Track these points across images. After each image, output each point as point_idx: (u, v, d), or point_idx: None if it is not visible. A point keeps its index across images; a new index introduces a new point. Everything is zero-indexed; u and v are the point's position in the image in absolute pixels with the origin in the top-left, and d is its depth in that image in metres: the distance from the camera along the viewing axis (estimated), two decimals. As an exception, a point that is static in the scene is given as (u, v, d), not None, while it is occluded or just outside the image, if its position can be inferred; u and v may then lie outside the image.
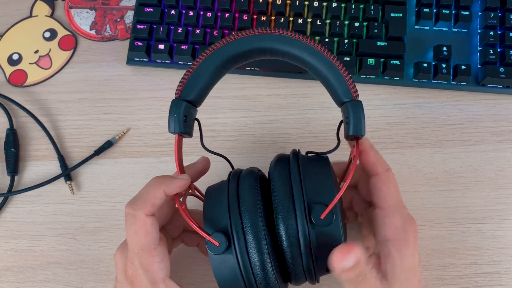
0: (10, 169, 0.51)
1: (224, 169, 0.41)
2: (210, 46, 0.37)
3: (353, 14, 0.52)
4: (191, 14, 0.53)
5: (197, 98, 0.37)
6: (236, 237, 0.34)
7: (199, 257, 0.47)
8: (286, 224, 0.33)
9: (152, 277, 0.35)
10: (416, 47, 0.52)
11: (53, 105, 0.54)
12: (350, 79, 0.35)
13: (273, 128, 0.51)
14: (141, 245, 0.34)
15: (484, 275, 0.45)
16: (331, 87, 0.36)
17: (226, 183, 0.37)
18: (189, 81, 0.37)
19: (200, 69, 0.36)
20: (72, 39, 0.56)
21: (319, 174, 0.36)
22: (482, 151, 0.50)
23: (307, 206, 0.33)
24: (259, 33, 0.36)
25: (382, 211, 0.36)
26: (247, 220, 0.34)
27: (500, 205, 0.48)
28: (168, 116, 0.36)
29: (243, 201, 0.35)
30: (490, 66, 0.50)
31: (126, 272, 0.36)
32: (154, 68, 0.54)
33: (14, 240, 0.49)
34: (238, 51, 0.36)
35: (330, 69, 0.35)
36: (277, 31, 0.36)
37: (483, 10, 0.52)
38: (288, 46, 0.35)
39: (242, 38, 0.36)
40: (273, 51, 0.36)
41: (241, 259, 0.33)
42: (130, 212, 0.34)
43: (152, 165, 0.51)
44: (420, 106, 0.52)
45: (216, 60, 0.36)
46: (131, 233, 0.35)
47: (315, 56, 0.35)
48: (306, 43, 0.35)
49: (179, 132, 0.36)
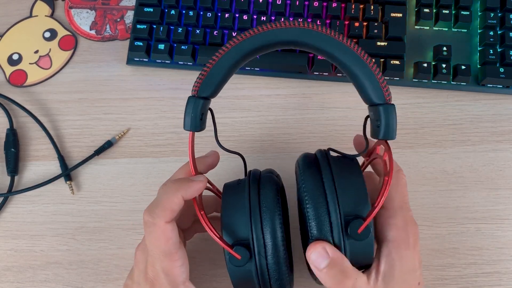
0: (10, 169, 0.51)
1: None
2: (228, 43, 0.36)
3: (353, 14, 0.52)
4: (191, 14, 0.53)
5: (213, 93, 0.37)
6: (257, 252, 0.34)
7: (199, 257, 0.47)
8: (321, 237, 0.33)
9: (173, 280, 0.35)
10: (416, 47, 0.52)
11: (53, 105, 0.54)
12: (384, 81, 0.34)
13: (273, 128, 0.51)
14: (162, 251, 0.35)
15: (484, 275, 0.45)
16: (363, 87, 0.34)
17: (245, 188, 0.37)
18: (206, 78, 0.36)
19: (218, 66, 0.36)
20: (72, 39, 0.56)
21: (353, 182, 0.35)
22: (482, 151, 0.50)
23: (343, 219, 0.33)
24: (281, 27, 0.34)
25: (386, 211, 0.36)
26: (268, 231, 0.34)
27: (500, 205, 0.48)
28: (184, 113, 0.36)
29: (264, 211, 0.35)
30: (490, 66, 0.50)
31: (147, 274, 0.36)
32: (154, 68, 0.54)
33: (14, 240, 0.49)
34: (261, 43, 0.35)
35: (363, 69, 0.34)
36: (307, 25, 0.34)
37: (483, 10, 0.52)
38: (320, 42, 0.34)
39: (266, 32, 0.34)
40: (303, 44, 0.35)
41: (260, 273, 0.34)
42: (150, 220, 0.34)
43: (152, 165, 0.51)
44: (420, 106, 0.52)
45: (234, 56, 0.35)
46: (151, 240, 0.35)
47: (348, 53, 0.34)
48: (341, 42, 0.34)
49: (195, 130, 0.36)
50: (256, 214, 0.35)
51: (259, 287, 0.35)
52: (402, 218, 0.36)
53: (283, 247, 0.34)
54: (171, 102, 0.53)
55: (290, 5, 0.52)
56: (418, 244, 0.36)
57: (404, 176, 0.37)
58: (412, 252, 0.35)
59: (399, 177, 0.37)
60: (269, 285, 0.35)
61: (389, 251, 0.35)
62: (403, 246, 0.35)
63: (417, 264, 0.35)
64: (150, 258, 0.36)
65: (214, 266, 0.46)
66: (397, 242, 0.35)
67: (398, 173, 0.37)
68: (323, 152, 0.38)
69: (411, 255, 0.35)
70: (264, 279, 0.35)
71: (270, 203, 0.35)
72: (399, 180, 0.37)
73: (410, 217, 0.36)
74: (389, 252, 0.35)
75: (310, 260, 0.33)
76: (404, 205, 0.36)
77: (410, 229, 0.35)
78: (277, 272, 0.34)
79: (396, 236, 0.35)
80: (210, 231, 0.34)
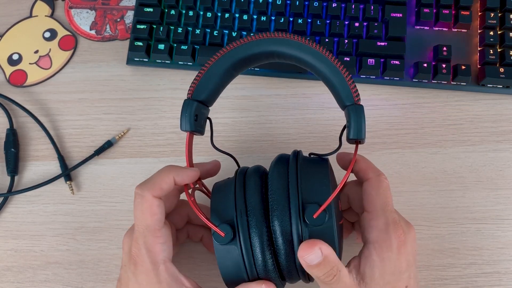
0: (10, 169, 0.51)
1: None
2: (221, 49, 0.39)
3: (353, 14, 0.52)
4: (191, 14, 0.53)
5: (208, 98, 0.39)
6: (241, 229, 0.35)
7: (199, 257, 0.47)
8: (280, 222, 0.34)
9: (153, 257, 0.36)
10: (416, 47, 0.52)
11: (53, 105, 0.54)
12: (353, 84, 0.36)
13: (273, 128, 0.51)
14: (146, 224, 0.36)
15: (484, 275, 0.45)
16: (335, 91, 0.37)
17: (233, 179, 0.38)
18: (200, 82, 0.39)
19: (211, 70, 0.39)
20: (72, 39, 0.56)
21: (317, 174, 0.36)
22: (482, 151, 0.50)
23: (301, 205, 0.34)
24: (267, 37, 0.38)
25: (368, 214, 0.37)
26: (252, 214, 0.35)
27: (499, 205, 0.48)
28: (180, 115, 0.39)
29: (248, 196, 0.36)
30: (490, 66, 0.50)
31: (131, 252, 0.37)
32: (154, 68, 0.54)
33: (14, 240, 0.49)
34: (247, 54, 0.38)
35: (334, 73, 0.37)
36: (285, 35, 0.38)
37: (483, 10, 0.52)
38: (295, 50, 0.37)
39: (251, 42, 0.38)
40: (280, 54, 0.38)
41: (244, 250, 0.35)
42: (138, 192, 0.37)
43: (152, 165, 0.51)
44: (420, 106, 0.52)
45: (226, 62, 0.39)
46: (138, 213, 0.36)
47: (321, 60, 0.37)
48: (312, 48, 0.37)
49: (190, 130, 0.39)
50: (240, 197, 0.36)
51: (244, 267, 0.35)
52: (384, 220, 0.36)
53: (265, 223, 0.35)
54: (171, 102, 0.53)
55: (290, 5, 0.52)
56: (406, 245, 0.35)
57: (385, 180, 0.38)
58: (396, 254, 0.35)
59: (381, 180, 0.37)
60: (253, 264, 0.35)
61: (369, 252, 0.35)
62: (385, 248, 0.35)
63: (403, 267, 0.35)
64: (135, 234, 0.37)
65: (214, 266, 0.46)
66: (378, 243, 0.35)
67: (379, 177, 0.38)
68: (296, 151, 0.39)
69: (395, 257, 0.35)
70: (248, 258, 0.35)
71: (254, 187, 0.36)
72: (380, 183, 0.37)
73: (393, 219, 0.36)
74: (369, 254, 0.35)
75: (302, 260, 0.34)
76: (386, 207, 0.36)
77: (392, 231, 0.35)
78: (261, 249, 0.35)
79: (377, 238, 0.35)
80: (196, 210, 0.35)
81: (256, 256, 0.35)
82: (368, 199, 0.37)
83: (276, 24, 0.52)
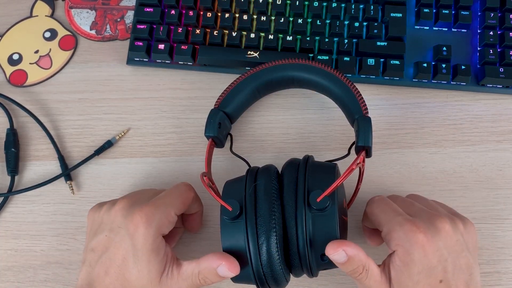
0: (10, 169, 0.51)
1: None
2: (250, 69, 0.46)
3: (353, 14, 0.52)
4: (191, 14, 0.53)
5: (233, 112, 0.45)
6: (248, 205, 0.37)
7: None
8: (286, 203, 0.37)
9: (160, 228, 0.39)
10: (416, 47, 0.52)
11: (53, 105, 0.54)
12: (362, 99, 0.42)
13: (273, 128, 0.52)
14: (172, 204, 0.40)
15: (484, 275, 0.45)
16: (345, 106, 0.43)
17: (245, 174, 0.40)
18: (227, 96, 0.45)
19: (238, 87, 0.45)
20: (72, 39, 0.56)
21: (324, 170, 0.39)
22: (482, 151, 0.50)
23: (307, 191, 0.37)
24: (294, 62, 0.45)
25: (383, 231, 0.38)
26: (260, 195, 0.37)
27: (499, 205, 0.48)
28: (206, 122, 0.44)
29: (259, 182, 0.38)
30: (490, 66, 0.50)
31: (142, 211, 0.38)
32: (154, 68, 0.54)
33: (14, 240, 0.49)
34: (270, 77, 0.45)
35: (346, 92, 0.43)
36: (306, 62, 0.45)
37: (483, 10, 0.52)
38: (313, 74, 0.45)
39: (277, 66, 0.45)
40: (300, 79, 0.46)
41: (249, 227, 0.36)
42: (188, 186, 0.42)
43: (152, 165, 0.51)
44: (420, 106, 0.52)
45: (252, 82, 0.45)
46: (176, 194, 0.41)
47: (335, 81, 0.44)
48: (327, 71, 0.44)
49: (213, 135, 0.43)
50: (250, 182, 0.38)
51: (247, 244, 0.36)
52: (398, 228, 0.36)
53: (272, 205, 0.37)
54: (171, 102, 0.53)
55: (290, 5, 0.52)
56: (432, 242, 0.35)
57: (376, 197, 0.41)
58: (420, 253, 0.35)
59: (372, 199, 0.41)
60: (256, 242, 0.36)
61: (394, 258, 0.36)
62: (405, 253, 0.36)
63: (434, 262, 0.35)
64: (157, 201, 0.39)
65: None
66: (397, 251, 0.36)
67: (371, 200, 0.41)
68: (306, 155, 0.41)
69: (418, 257, 0.35)
70: (252, 234, 0.36)
71: (265, 175, 0.39)
72: (373, 201, 0.41)
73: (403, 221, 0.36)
74: (394, 260, 0.36)
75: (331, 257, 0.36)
76: (392, 212, 0.38)
77: (411, 235, 0.35)
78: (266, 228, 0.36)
79: (396, 247, 0.36)
80: (206, 187, 0.38)
81: (259, 235, 0.36)
82: (375, 220, 0.39)
83: (276, 24, 0.52)
